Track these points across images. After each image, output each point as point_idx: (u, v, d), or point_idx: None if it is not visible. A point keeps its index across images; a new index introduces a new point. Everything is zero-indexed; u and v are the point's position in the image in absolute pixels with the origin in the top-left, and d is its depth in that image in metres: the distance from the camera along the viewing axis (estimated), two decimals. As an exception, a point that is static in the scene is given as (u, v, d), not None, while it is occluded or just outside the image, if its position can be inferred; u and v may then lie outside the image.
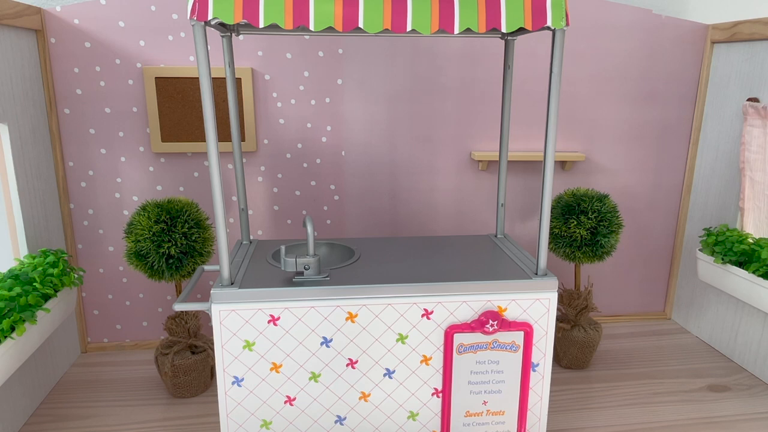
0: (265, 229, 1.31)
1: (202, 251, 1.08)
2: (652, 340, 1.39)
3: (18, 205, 1.04)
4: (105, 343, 1.32)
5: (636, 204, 1.41)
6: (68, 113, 1.18)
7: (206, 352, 1.13)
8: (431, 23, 0.72)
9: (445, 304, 0.85)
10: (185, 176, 1.25)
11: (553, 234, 1.19)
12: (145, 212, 1.04)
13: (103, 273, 1.27)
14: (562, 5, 0.73)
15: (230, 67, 0.99)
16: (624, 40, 1.30)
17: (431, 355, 0.87)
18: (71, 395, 1.14)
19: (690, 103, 1.36)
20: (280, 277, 0.88)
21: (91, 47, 1.16)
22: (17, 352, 0.90)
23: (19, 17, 1.03)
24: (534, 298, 0.86)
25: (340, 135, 1.27)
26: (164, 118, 1.19)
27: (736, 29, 1.22)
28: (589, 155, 1.36)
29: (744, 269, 1.13)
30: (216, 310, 0.82)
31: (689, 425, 1.05)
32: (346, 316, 0.84)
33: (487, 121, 1.30)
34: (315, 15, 0.71)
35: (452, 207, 1.35)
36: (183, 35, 1.18)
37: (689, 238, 1.42)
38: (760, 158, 1.16)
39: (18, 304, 0.90)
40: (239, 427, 0.87)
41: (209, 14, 0.71)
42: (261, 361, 0.85)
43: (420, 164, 1.31)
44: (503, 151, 1.06)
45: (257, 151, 1.25)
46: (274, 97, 1.23)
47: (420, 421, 0.90)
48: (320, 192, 1.30)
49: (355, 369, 0.87)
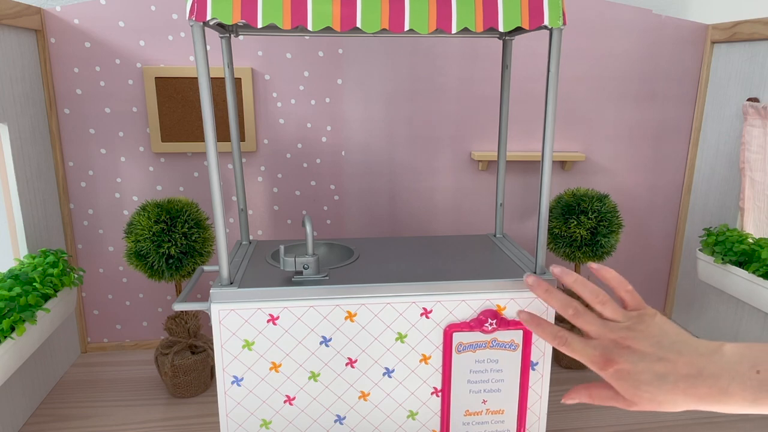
0: (265, 229, 1.31)
1: (202, 251, 1.08)
2: (653, 340, 1.38)
3: (18, 205, 1.05)
4: (105, 343, 1.32)
5: (636, 204, 1.41)
6: (68, 113, 1.18)
7: (206, 352, 1.13)
8: (429, 23, 0.72)
9: (444, 303, 0.85)
10: (185, 176, 1.25)
11: (553, 234, 1.19)
12: (145, 212, 1.04)
13: (103, 273, 1.28)
14: (559, 4, 0.74)
15: (229, 68, 0.99)
16: (624, 40, 1.30)
17: (430, 354, 0.87)
18: (71, 395, 1.14)
19: (690, 103, 1.36)
20: (280, 276, 0.88)
21: (91, 47, 1.16)
22: (17, 352, 0.90)
23: (19, 17, 1.03)
24: (533, 297, 0.86)
25: (340, 135, 1.27)
26: (164, 118, 1.19)
27: (736, 29, 1.22)
28: (589, 155, 1.36)
29: (744, 269, 1.13)
30: (215, 309, 0.82)
31: (689, 425, 1.05)
32: (345, 315, 0.84)
33: (488, 121, 1.30)
34: (313, 15, 0.71)
35: (452, 207, 1.35)
36: (183, 35, 1.18)
37: (689, 238, 1.42)
38: (760, 158, 1.16)
39: (18, 304, 0.90)
40: (239, 426, 0.87)
41: (208, 15, 0.71)
42: (260, 361, 0.85)
43: (420, 164, 1.31)
44: (502, 151, 1.06)
45: (257, 151, 1.26)
46: (274, 97, 1.23)
47: (420, 420, 0.90)
48: (320, 192, 1.30)
49: (354, 368, 0.87)
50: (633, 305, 0.65)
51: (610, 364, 0.60)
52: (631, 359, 0.59)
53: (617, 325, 0.63)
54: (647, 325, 0.62)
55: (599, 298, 0.66)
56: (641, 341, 0.60)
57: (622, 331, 0.62)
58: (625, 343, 0.61)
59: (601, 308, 0.65)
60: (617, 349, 0.61)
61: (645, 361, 0.59)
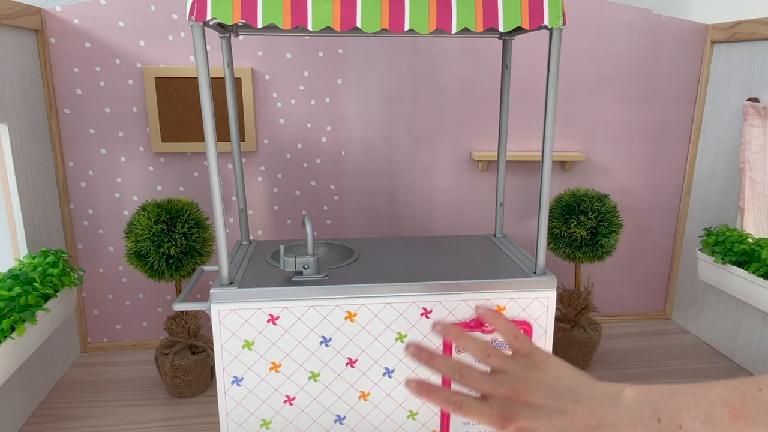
0: (265, 229, 1.31)
1: (202, 251, 1.08)
2: (652, 340, 1.38)
3: (18, 205, 1.05)
4: (105, 343, 1.32)
5: (636, 204, 1.41)
6: (68, 113, 1.18)
7: (206, 352, 1.13)
8: (429, 23, 0.72)
9: (444, 303, 0.85)
10: (185, 176, 1.25)
11: (553, 234, 1.19)
12: (145, 212, 1.04)
13: (103, 273, 1.28)
14: (558, 4, 0.74)
15: (229, 68, 0.99)
16: (624, 40, 1.30)
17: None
18: (71, 395, 1.14)
19: (690, 103, 1.36)
20: (280, 276, 0.88)
21: (91, 47, 1.16)
22: (17, 352, 0.90)
23: (19, 17, 1.03)
24: (533, 297, 0.86)
25: (340, 135, 1.27)
26: (164, 118, 1.19)
27: (736, 29, 1.22)
28: (589, 155, 1.36)
29: (744, 269, 1.13)
30: (215, 309, 0.82)
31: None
32: (345, 315, 0.84)
33: (488, 121, 1.30)
34: (313, 15, 0.71)
35: (452, 207, 1.35)
36: (183, 35, 1.18)
37: (689, 238, 1.42)
38: (760, 158, 1.16)
39: (18, 304, 0.90)
40: (239, 426, 0.87)
41: (208, 15, 0.71)
42: (260, 361, 0.85)
43: (420, 164, 1.31)
44: (501, 151, 1.06)
45: (257, 151, 1.26)
46: (274, 97, 1.23)
47: (420, 420, 0.90)
48: (320, 192, 1.30)
49: (354, 368, 0.87)
50: (523, 351, 0.60)
51: (509, 422, 0.55)
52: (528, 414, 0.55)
53: (507, 378, 0.58)
54: (539, 371, 0.58)
55: (484, 350, 0.60)
56: (534, 392, 0.56)
57: (513, 383, 0.57)
58: (519, 397, 0.56)
59: (488, 360, 0.59)
60: (513, 405, 0.56)
61: (542, 414, 0.54)
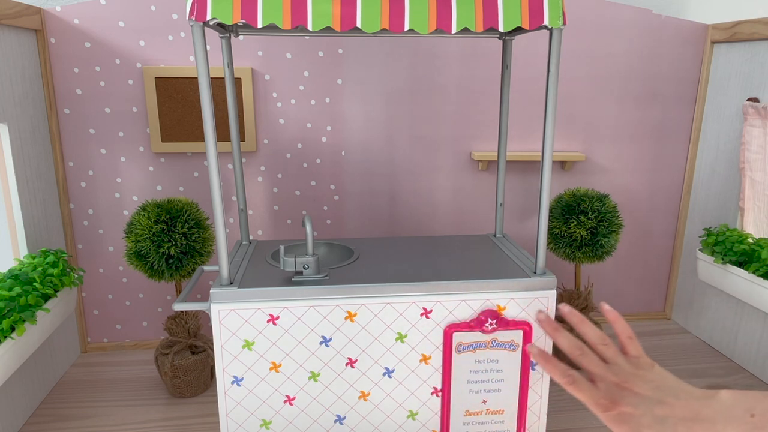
0: (265, 229, 1.31)
1: (202, 251, 1.08)
2: (652, 340, 1.38)
3: (18, 205, 1.05)
4: (105, 343, 1.32)
5: (636, 204, 1.41)
6: (68, 113, 1.18)
7: (206, 352, 1.13)
8: (429, 23, 0.72)
9: (444, 303, 0.85)
10: (185, 176, 1.25)
11: (553, 234, 1.19)
12: (145, 212, 1.04)
13: (103, 273, 1.28)
14: (559, 4, 0.74)
15: (229, 68, 0.99)
16: (624, 40, 1.30)
17: (430, 354, 0.87)
18: (71, 395, 1.14)
19: (690, 103, 1.36)
20: (280, 276, 0.88)
21: (91, 47, 1.16)
22: (17, 352, 0.90)
23: (19, 17, 1.03)
24: (533, 297, 0.86)
25: (340, 135, 1.27)
26: (164, 118, 1.19)
27: (736, 29, 1.22)
28: (589, 155, 1.36)
29: (744, 269, 1.13)
30: (215, 309, 0.82)
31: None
32: (345, 315, 0.84)
33: (488, 121, 1.30)
34: (313, 15, 0.71)
35: (452, 207, 1.35)
36: (183, 35, 1.18)
37: (689, 238, 1.42)
38: (760, 158, 1.16)
39: (18, 304, 0.90)
40: (239, 426, 0.87)
41: (208, 15, 0.71)
42: (260, 361, 0.85)
43: (420, 164, 1.31)
44: (502, 151, 1.06)
45: (257, 151, 1.26)
46: (274, 97, 1.23)
47: (420, 420, 0.90)
48: (320, 192, 1.30)
49: (354, 368, 0.87)
50: (633, 352, 0.68)
51: (614, 406, 0.63)
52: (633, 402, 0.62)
53: (619, 369, 0.66)
54: (646, 371, 0.66)
55: (603, 340, 0.69)
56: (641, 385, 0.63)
57: (623, 374, 0.65)
58: (626, 387, 0.64)
59: (604, 350, 0.68)
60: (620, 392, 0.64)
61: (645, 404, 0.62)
